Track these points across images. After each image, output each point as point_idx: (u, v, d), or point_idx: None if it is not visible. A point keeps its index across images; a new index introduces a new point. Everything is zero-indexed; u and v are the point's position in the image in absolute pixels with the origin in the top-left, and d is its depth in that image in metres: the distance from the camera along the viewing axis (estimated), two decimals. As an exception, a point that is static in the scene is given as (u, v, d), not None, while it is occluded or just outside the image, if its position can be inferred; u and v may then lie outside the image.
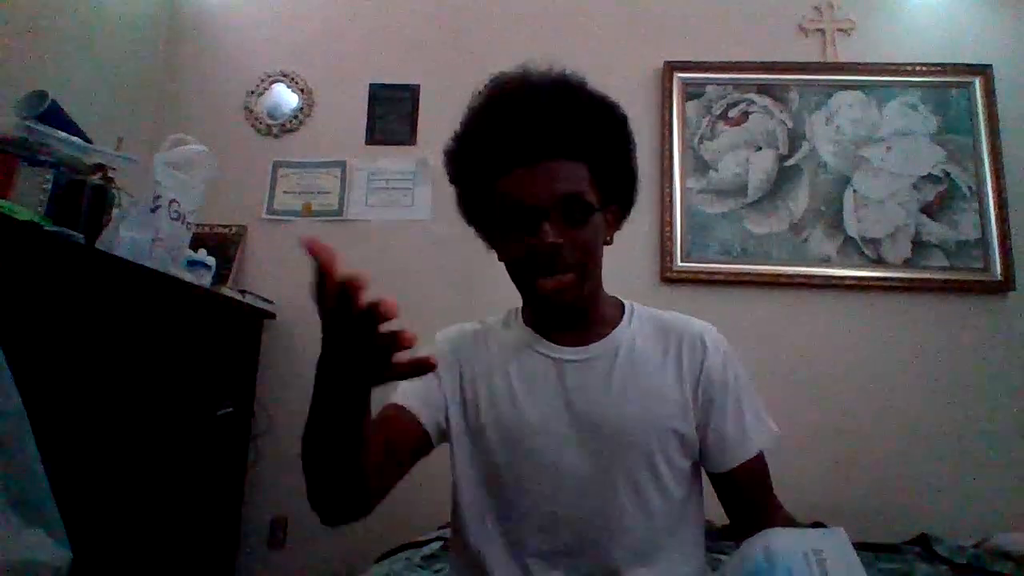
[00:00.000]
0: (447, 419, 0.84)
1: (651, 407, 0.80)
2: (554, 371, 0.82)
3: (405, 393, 0.82)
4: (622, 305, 0.89)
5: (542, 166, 0.76)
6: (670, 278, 1.96)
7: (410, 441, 0.80)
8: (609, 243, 0.84)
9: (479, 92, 0.86)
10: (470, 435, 0.83)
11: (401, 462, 0.79)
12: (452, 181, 0.89)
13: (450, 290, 2.02)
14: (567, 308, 0.80)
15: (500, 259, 0.85)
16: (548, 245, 0.73)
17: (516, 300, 0.89)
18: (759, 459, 0.83)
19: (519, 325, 0.88)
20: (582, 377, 0.81)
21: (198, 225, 1.72)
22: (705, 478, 0.86)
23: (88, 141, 1.46)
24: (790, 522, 0.82)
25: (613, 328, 0.85)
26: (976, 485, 1.78)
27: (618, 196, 0.85)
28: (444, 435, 0.85)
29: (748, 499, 0.84)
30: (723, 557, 1.22)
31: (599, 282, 0.85)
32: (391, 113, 2.17)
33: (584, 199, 0.77)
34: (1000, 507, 1.74)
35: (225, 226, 2.08)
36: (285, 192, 2.14)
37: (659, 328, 0.86)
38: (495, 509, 0.81)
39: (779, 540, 0.68)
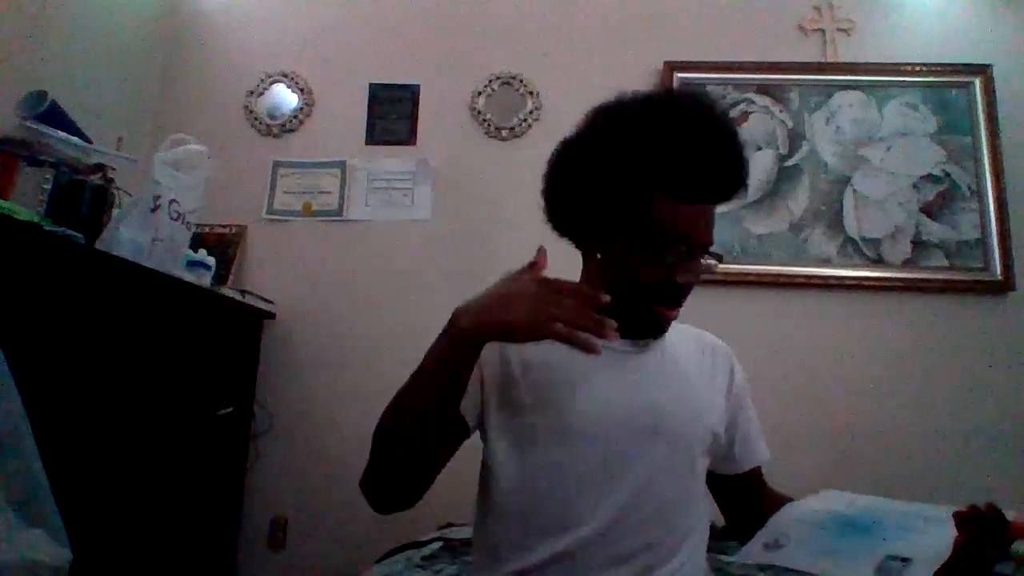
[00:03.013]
0: (483, 404, 0.80)
1: (698, 407, 0.84)
2: (608, 359, 0.78)
3: None
4: None
5: (708, 208, 0.77)
6: (670, 278, 1.96)
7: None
8: None
9: (659, 106, 0.78)
10: (517, 422, 0.79)
11: (447, 452, 0.79)
12: (581, 181, 0.80)
13: (450, 290, 2.02)
14: (660, 333, 0.82)
15: (617, 276, 0.78)
16: (689, 285, 0.76)
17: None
18: None
19: None
20: (639, 369, 0.82)
21: (198, 225, 1.72)
22: None
23: (88, 141, 1.46)
24: (782, 497, 0.89)
25: None
26: (976, 485, 1.78)
27: None
28: (479, 423, 0.81)
29: (754, 495, 0.92)
30: (722, 557, 1.22)
31: None
32: (391, 113, 2.17)
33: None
34: (1000, 507, 1.74)
35: (225, 226, 2.08)
36: (285, 192, 2.14)
37: (691, 337, 0.91)
38: (542, 495, 0.77)
39: (835, 499, 0.77)
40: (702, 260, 0.77)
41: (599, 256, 0.82)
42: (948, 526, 0.67)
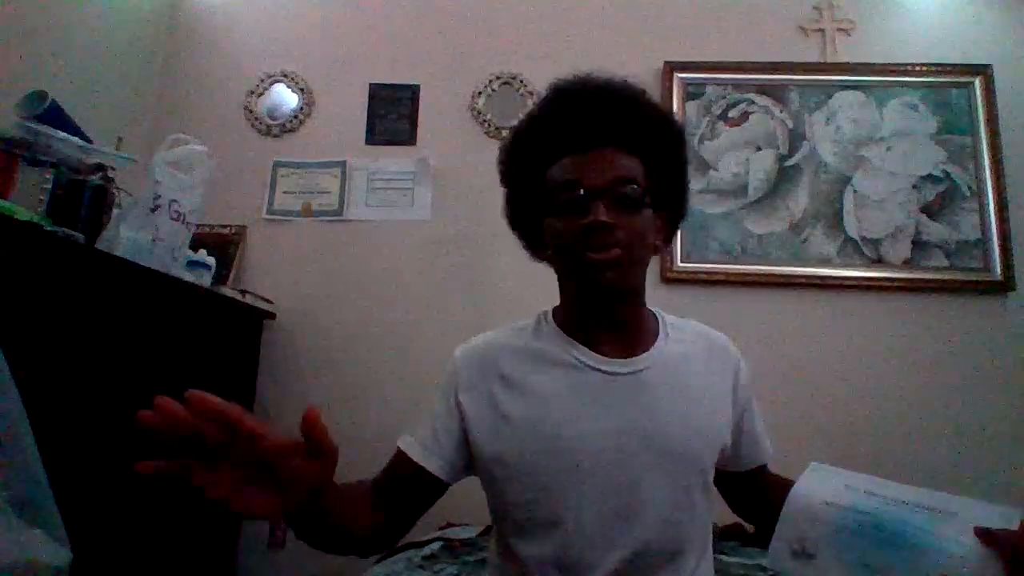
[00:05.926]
0: (471, 449, 0.80)
1: (706, 423, 0.81)
2: (606, 385, 0.79)
3: (410, 437, 0.82)
4: (654, 314, 0.88)
5: (598, 152, 0.78)
6: (670, 278, 1.96)
7: (413, 488, 0.81)
8: (657, 251, 0.83)
9: (541, 98, 0.87)
10: (513, 459, 0.77)
11: (411, 506, 0.81)
12: (504, 180, 0.89)
13: (450, 290, 2.02)
14: (611, 288, 0.77)
15: (542, 255, 0.86)
16: (600, 223, 0.73)
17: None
18: None
19: (554, 331, 0.84)
20: (637, 392, 0.79)
21: (198, 225, 1.72)
22: None
23: (88, 141, 1.46)
24: (783, 480, 0.88)
25: (654, 339, 0.84)
26: (976, 485, 1.78)
27: (668, 205, 0.85)
28: (466, 469, 0.82)
29: (759, 488, 0.91)
30: (723, 557, 1.22)
31: (643, 278, 0.83)
32: (391, 113, 2.17)
33: (637, 185, 0.78)
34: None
35: (225, 226, 2.08)
36: (285, 192, 2.14)
37: (694, 339, 0.87)
38: (561, 543, 0.75)
39: (832, 478, 0.80)
40: (606, 200, 0.75)
41: (548, 252, 0.84)
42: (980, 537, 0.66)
